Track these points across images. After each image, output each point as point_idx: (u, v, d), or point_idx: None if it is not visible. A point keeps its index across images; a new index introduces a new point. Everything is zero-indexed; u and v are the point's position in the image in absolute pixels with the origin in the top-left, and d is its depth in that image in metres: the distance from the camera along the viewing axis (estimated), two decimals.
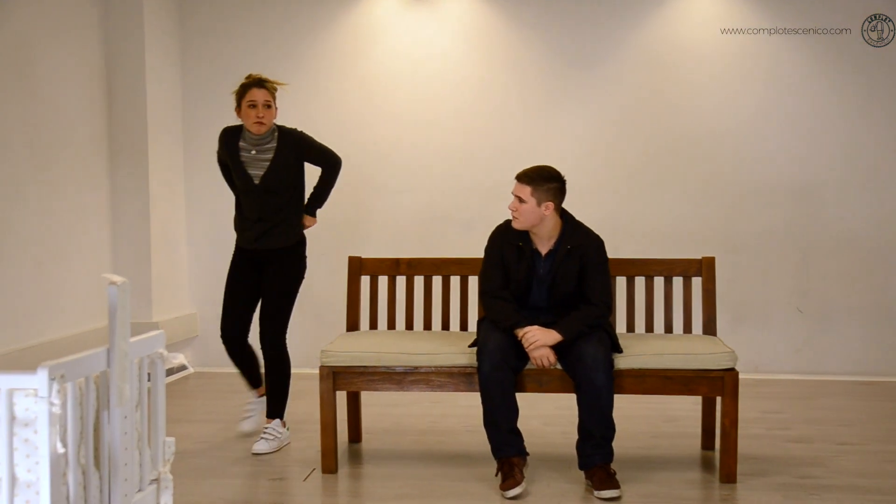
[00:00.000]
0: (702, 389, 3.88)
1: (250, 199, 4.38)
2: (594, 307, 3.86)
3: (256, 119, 4.27)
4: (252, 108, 4.27)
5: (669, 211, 6.19)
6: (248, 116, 4.29)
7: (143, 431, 2.47)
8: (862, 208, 6.09)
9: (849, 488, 3.79)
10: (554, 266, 3.90)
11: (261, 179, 4.33)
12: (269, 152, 4.34)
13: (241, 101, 4.31)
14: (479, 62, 6.27)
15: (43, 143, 5.15)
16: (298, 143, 4.40)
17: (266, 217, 4.37)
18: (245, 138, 4.36)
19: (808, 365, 6.16)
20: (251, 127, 4.30)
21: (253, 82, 4.32)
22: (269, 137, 4.35)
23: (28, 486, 2.08)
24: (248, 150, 4.35)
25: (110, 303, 2.24)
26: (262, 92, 4.29)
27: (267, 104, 4.30)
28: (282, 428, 4.40)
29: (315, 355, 5.70)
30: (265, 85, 4.32)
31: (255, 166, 4.34)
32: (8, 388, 2.06)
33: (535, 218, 3.85)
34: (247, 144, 4.36)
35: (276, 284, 4.41)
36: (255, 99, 4.28)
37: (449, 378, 3.95)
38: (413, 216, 6.32)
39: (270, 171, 4.33)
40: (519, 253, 3.92)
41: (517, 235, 3.94)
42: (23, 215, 4.97)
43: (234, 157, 4.37)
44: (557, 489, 3.78)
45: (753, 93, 6.13)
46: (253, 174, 4.34)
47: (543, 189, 3.83)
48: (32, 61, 5.06)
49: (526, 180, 3.85)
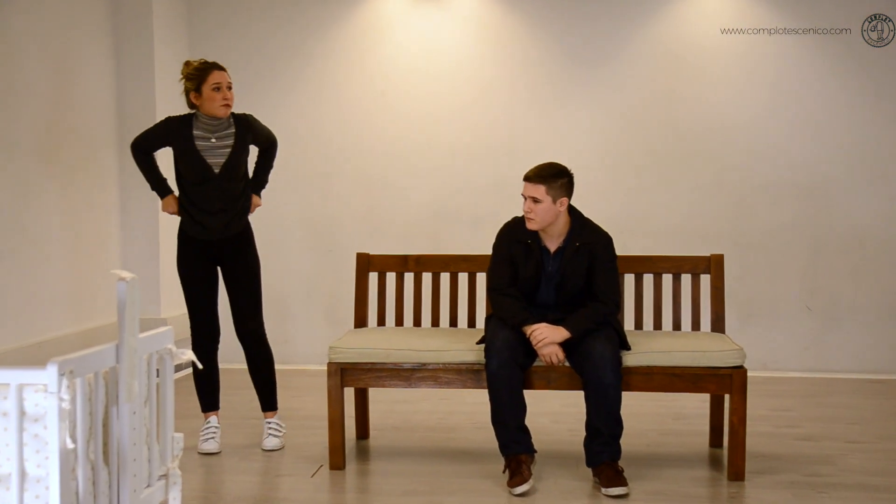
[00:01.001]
0: (710, 387, 3.87)
1: (209, 189, 4.18)
2: (602, 304, 3.85)
3: (224, 102, 4.11)
4: (217, 91, 4.09)
5: (678, 208, 6.18)
6: (212, 99, 4.10)
7: (152, 427, 2.48)
8: (870, 206, 6.07)
9: (857, 486, 3.78)
10: (563, 263, 3.89)
11: (222, 168, 4.16)
12: (229, 138, 4.19)
13: (202, 85, 4.10)
14: (488, 60, 6.27)
15: (52, 140, 5.17)
16: (251, 126, 4.28)
17: (228, 206, 4.21)
18: (199, 126, 4.17)
19: (817, 362, 6.15)
20: (217, 111, 4.12)
21: (213, 64, 4.15)
22: (227, 123, 4.19)
23: (38, 480, 2.09)
24: (207, 138, 4.16)
25: (119, 299, 2.24)
26: (225, 74, 4.14)
27: (230, 86, 4.15)
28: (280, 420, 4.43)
29: (323, 352, 5.73)
30: (223, 68, 4.17)
31: (215, 154, 4.17)
32: (18, 383, 2.06)
33: (551, 216, 3.83)
34: (203, 133, 4.17)
35: (247, 274, 4.30)
36: (219, 81, 4.10)
37: (457, 375, 3.95)
38: (421, 213, 6.32)
39: (232, 158, 4.18)
40: (527, 250, 3.91)
41: (525, 233, 3.93)
42: (32, 211, 4.98)
43: (187, 147, 4.15)
44: (565, 486, 3.78)
45: (761, 91, 6.11)
46: (213, 163, 4.16)
47: (557, 186, 3.82)
48: (42, 58, 5.07)
49: (538, 179, 3.82)
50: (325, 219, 6.39)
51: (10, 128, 4.80)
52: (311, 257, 6.40)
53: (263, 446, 4.32)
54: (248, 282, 4.31)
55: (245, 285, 4.30)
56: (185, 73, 4.18)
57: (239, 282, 4.30)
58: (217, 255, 4.30)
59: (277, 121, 6.33)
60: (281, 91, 6.35)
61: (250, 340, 4.34)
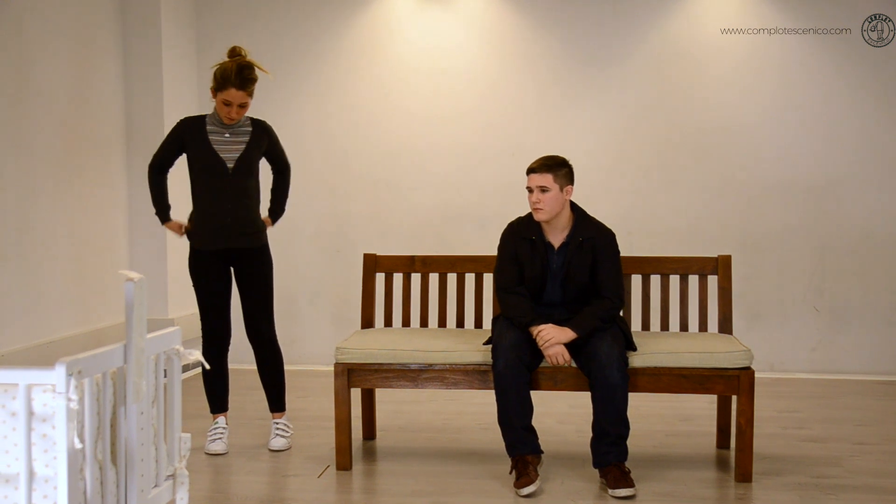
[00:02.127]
0: (717, 388, 3.87)
1: (222, 187, 4.14)
2: (606, 300, 3.87)
3: (227, 117, 4.10)
4: (225, 106, 4.08)
5: (685, 209, 6.18)
6: (220, 109, 4.10)
7: (160, 427, 2.48)
8: (878, 207, 6.06)
9: (865, 488, 3.77)
10: (567, 258, 3.91)
11: (235, 163, 4.13)
12: (244, 135, 4.18)
13: (218, 92, 4.06)
14: (495, 60, 6.27)
15: (60, 142, 5.18)
16: (269, 133, 4.27)
17: (241, 205, 4.17)
18: (214, 122, 4.16)
19: (825, 364, 6.13)
20: (222, 119, 4.13)
21: (234, 80, 4.01)
22: (244, 122, 4.20)
23: (46, 480, 2.09)
24: (221, 132, 4.15)
25: (127, 299, 2.25)
26: (241, 94, 4.05)
27: (242, 105, 4.09)
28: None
29: (330, 352, 5.74)
30: (246, 87, 4.05)
31: (229, 150, 4.14)
32: (26, 383, 2.07)
33: (559, 205, 3.88)
34: (218, 128, 4.16)
35: (261, 279, 4.28)
36: (230, 100, 4.05)
37: (463, 375, 3.95)
38: (428, 213, 6.33)
39: (246, 154, 4.15)
40: (532, 247, 3.93)
41: (530, 230, 3.95)
42: (40, 212, 5.00)
43: (201, 142, 4.12)
44: (571, 487, 3.77)
45: (765, 91, 6.10)
46: (226, 158, 4.13)
47: (562, 174, 3.89)
48: (52, 61, 5.09)
49: (545, 169, 3.87)
50: (333, 220, 6.40)
51: (18, 130, 4.82)
52: (318, 258, 6.41)
53: (270, 446, 4.33)
54: (262, 286, 4.30)
55: (259, 290, 4.30)
56: (215, 69, 4.11)
57: (253, 287, 4.29)
58: (231, 260, 4.28)
59: (285, 122, 6.35)
60: (289, 93, 6.36)
61: (262, 345, 4.35)
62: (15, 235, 4.79)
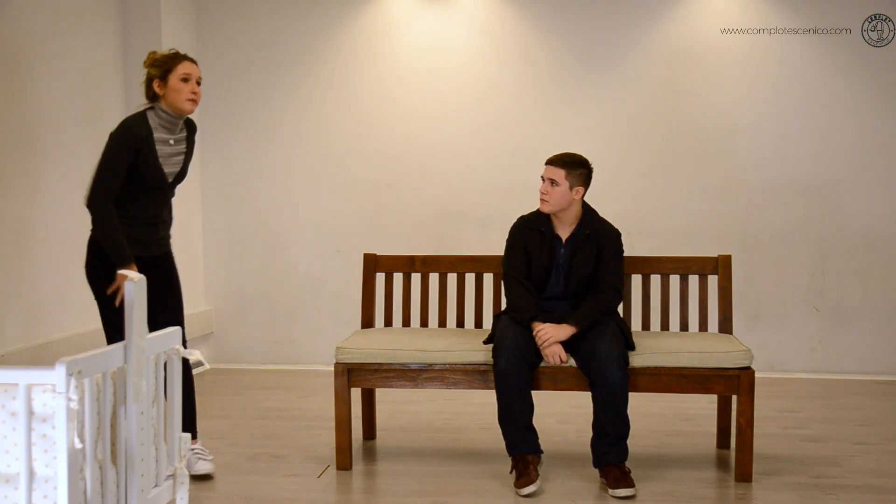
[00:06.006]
0: (717, 388, 3.87)
1: (158, 198, 3.75)
2: (603, 293, 3.91)
3: (191, 95, 3.64)
4: (185, 83, 3.62)
5: (685, 209, 6.17)
6: (178, 91, 3.62)
7: (160, 427, 2.49)
8: (878, 207, 6.05)
9: (865, 488, 3.77)
10: (572, 250, 3.96)
11: (174, 177, 3.77)
12: (181, 143, 3.78)
13: (169, 73, 3.63)
14: (495, 60, 6.27)
15: (60, 139, 5.18)
16: (194, 135, 3.88)
17: (167, 217, 3.86)
18: (158, 123, 3.67)
19: (825, 364, 6.13)
20: (183, 104, 3.64)
21: (183, 55, 3.70)
22: (181, 124, 3.75)
23: (46, 480, 2.09)
24: (166, 140, 3.68)
25: (127, 299, 2.25)
26: (196, 67, 3.69)
27: (199, 81, 3.69)
28: None
29: (330, 352, 5.74)
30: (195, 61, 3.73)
31: (170, 163, 3.73)
32: (26, 383, 2.07)
33: (564, 202, 3.93)
34: (163, 135, 3.68)
35: (175, 286, 3.88)
36: (189, 73, 3.65)
37: (464, 375, 3.95)
38: (428, 213, 6.32)
39: (184, 166, 3.79)
40: (541, 238, 3.99)
41: (539, 221, 4.02)
42: (39, 211, 5.00)
43: (152, 159, 3.64)
44: (572, 487, 3.77)
45: (765, 91, 6.10)
46: (168, 172, 3.72)
47: (576, 174, 3.93)
48: (50, 58, 5.09)
49: (560, 164, 3.94)
50: (333, 219, 6.39)
51: (18, 130, 4.82)
52: (318, 258, 6.41)
53: (198, 471, 3.85)
54: (179, 299, 3.88)
55: (177, 302, 3.87)
56: (151, 60, 3.70)
57: (171, 299, 3.84)
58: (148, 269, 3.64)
59: (285, 120, 6.36)
60: (288, 91, 6.36)
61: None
62: (15, 235, 4.79)
